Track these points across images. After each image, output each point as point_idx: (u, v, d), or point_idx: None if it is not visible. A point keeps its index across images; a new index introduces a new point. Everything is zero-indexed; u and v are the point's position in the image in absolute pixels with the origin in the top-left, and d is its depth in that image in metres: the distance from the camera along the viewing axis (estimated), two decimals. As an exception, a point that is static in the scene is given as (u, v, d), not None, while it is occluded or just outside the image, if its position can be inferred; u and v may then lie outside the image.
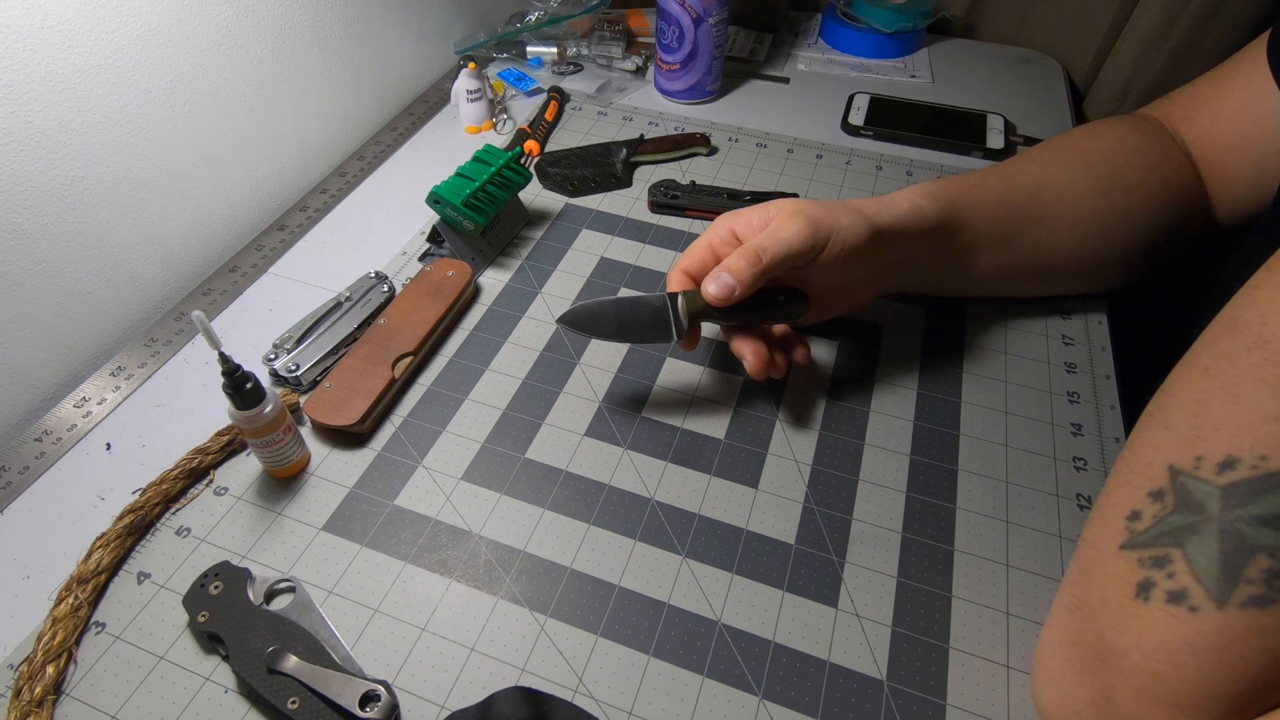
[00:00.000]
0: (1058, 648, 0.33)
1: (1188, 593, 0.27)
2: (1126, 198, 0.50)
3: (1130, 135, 0.52)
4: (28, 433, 0.47)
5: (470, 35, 0.82)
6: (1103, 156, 0.51)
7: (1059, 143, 0.53)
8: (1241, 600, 0.26)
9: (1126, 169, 0.50)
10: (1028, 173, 0.51)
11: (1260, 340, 0.28)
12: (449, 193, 0.54)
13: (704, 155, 0.70)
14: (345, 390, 0.46)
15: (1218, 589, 0.27)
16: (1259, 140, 0.48)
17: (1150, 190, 0.50)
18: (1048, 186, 0.50)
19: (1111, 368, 0.51)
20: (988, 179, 0.50)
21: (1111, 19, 0.79)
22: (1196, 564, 0.27)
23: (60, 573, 0.40)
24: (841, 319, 0.53)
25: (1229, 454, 0.28)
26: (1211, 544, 0.27)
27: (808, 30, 0.90)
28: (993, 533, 0.42)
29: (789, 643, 0.38)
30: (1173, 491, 0.29)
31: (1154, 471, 0.31)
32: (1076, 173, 0.50)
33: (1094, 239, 0.51)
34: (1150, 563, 0.29)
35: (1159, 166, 0.51)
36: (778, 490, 0.44)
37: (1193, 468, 0.29)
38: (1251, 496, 0.27)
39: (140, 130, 0.52)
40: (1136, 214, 0.50)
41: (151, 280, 0.56)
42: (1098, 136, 0.53)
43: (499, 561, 0.41)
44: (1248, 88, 0.49)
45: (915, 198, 0.46)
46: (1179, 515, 0.29)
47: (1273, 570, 0.26)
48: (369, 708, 0.34)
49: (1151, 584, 0.29)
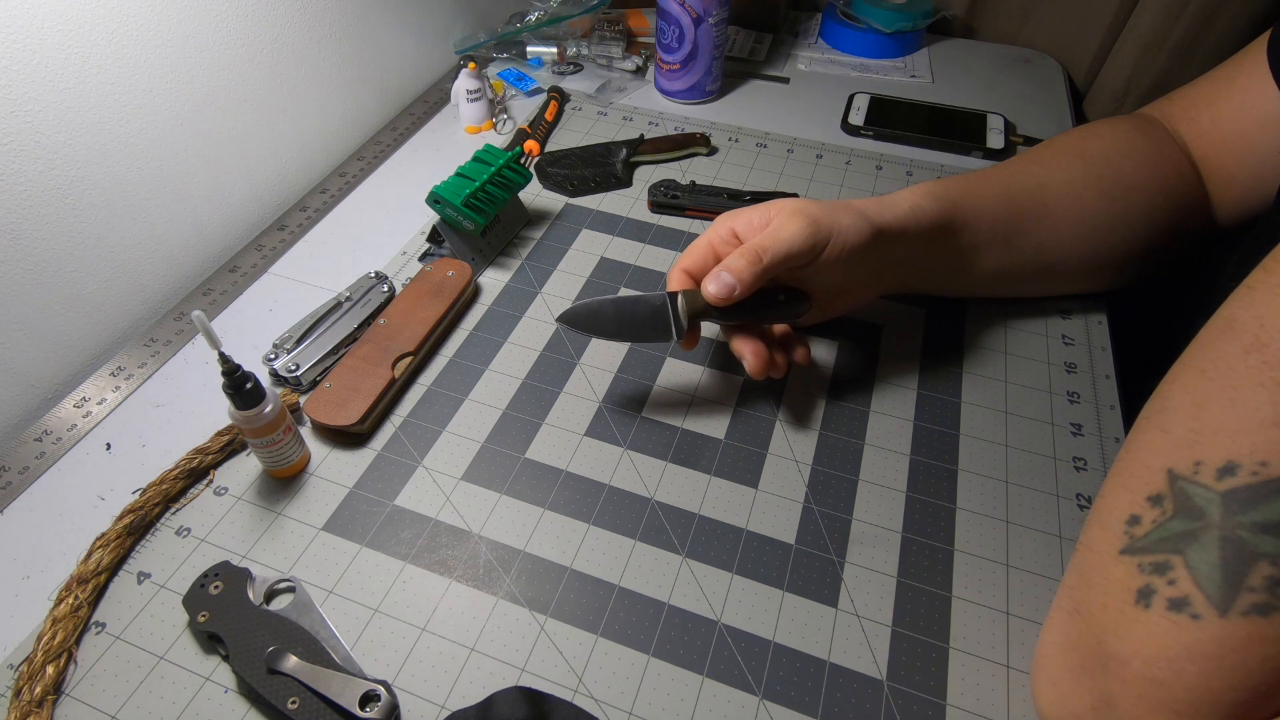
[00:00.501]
0: (1058, 651, 0.33)
1: (1189, 600, 0.27)
2: (1127, 198, 0.50)
3: (1130, 135, 0.52)
4: (28, 433, 0.47)
5: (470, 35, 0.82)
6: (1103, 157, 0.51)
7: (1059, 143, 0.53)
8: (1244, 608, 0.26)
9: (1127, 169, 0.50)
10: (1029, 173, 0.51)
11: (1258, 343, 0.28)
12: (449, 193, 0.54)
13: (704, 155, 0.70)
14: (345, 390, 0.46)
15: (1220, 596, 0.27)
16: (1259, 141, 0.48)
17: (1151, 190, 0.50)
18: (1049, 187, 0.50)
19: (1111, 368, 0.51)
20: (989, 179, 0.50)
21: (1111, 19, 0.79)
22: (1198, 571, 0.27)
23: (60, 573, 0.40)
24: (841, 319, 0.53)
25: (1229, 459, 0.28)
26: (1213, 551, 0.27)
27: (808, 30, 0.90)
28: (993, 533, 0.42)
29: (789, 643, 0.38)
30: (1172, 496, 0.29)
31: (1152, 475, 0.30)
32: (1077, 173, 0.50)
33: (1095, 239, 0.51)
34: (1151, 569, 0.29)
35: (1159, 167, 0.51)
36: (778, 490, 0.44)
37: (1192, 472, 0.29)
38: (1252, 503, 0.27)
39: (140, 130, 0.52)
40: (1137, 214, 0.50)
41: (151, 280, 0.56)
42: (1098, 137, 0.53)
43: (499, 561, 0.41)
44: (1248, 88, 0.49)
45: (916, 198, 0.46)
46: (1179, 521, 0.29)
47: (1274, 578, 0.26)
48: (369, 708, 0.34)
49: (1152, 590, 0.28)
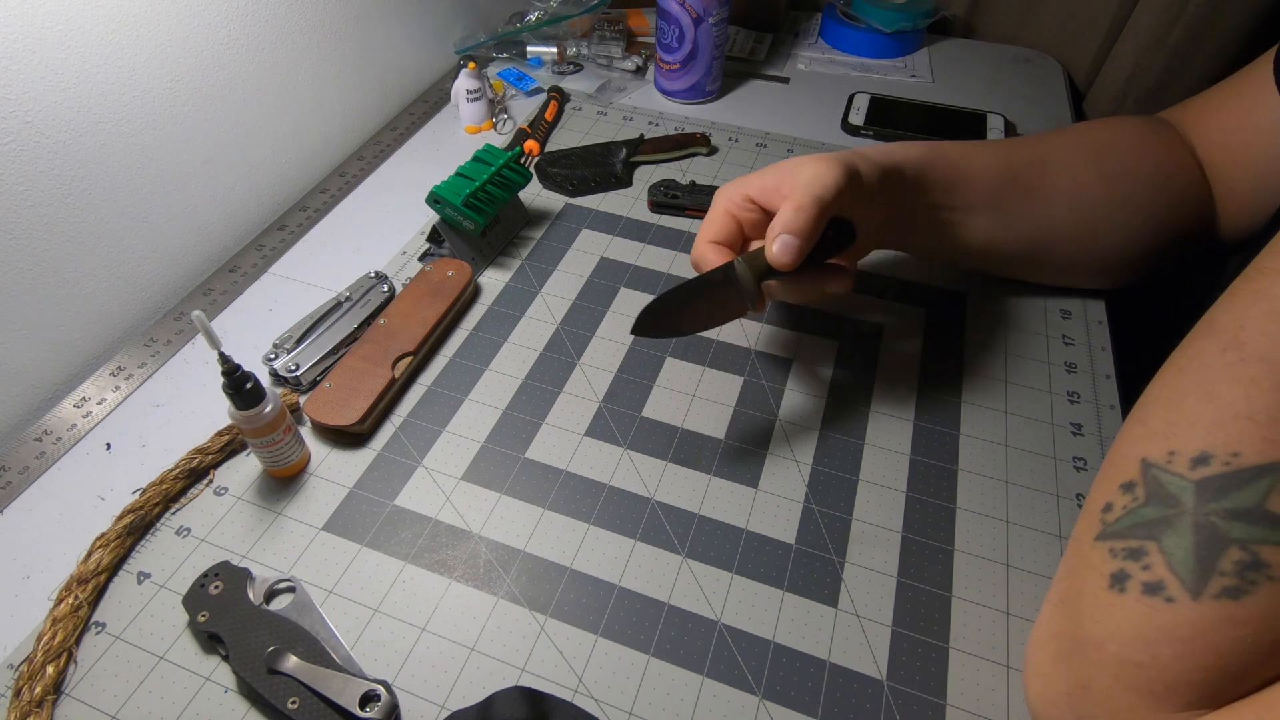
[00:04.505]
0: (1044, 641, 0.33)
1: (1164, 584, 0.28)
2: (1128, 186, 0.50)
3: (1137, 128, 0.53)
4: (28, 433, 0.47)
5: (470, 35, 0.82)
6: (1107, 143, 0.51)
7: (1065, 129, 0.54)
8: (1215, 591, 0.27)
9: (1130, 158, 0.51)
10: (1030, 148, 0.51)
11: (1235, 342, 0.29)
12: (449, 193, 0.54)
13: (704, 155, 0.70)
14: (345, 390, 0.46)
15: (1192, 580, 0.28)
16: (1263, 154, 0.48)
17: (1153, 184, 0.50)
18: (1049, 162, 0.50)
19: (1111, 368, 0.51)
20: (990, 146, 0.51)
21: (1111, 19, 0.79)
22: (1173, 556, 0.28)
23: (60, 573, 0.40)
24: (841, 319, 0.53)
25: (1203, 450, 0.29)
26: (1187, 536, 0.28)
27: (808, 30, 0.90)
28: (993, 533, 0.42)
29: (789, 643, 0.38)
30: (1144, 483, 0.30)
31: (1127, 464, 0.31)
32: (1078, 155, 0.50)
33: (1092, 223, 0.51)
34: (1124, 554, 0.30)
35: (1163, 163, 0.51)
36: (778, 490, 0.44)
37: (1165, 461, 0.30)
38: (1224, 491, 0.28)
39: (140, 130, 0.52)
40: (1136, 204, 0.50)
41: (151, 280, 0.56)
42: (1106, 127, 0.53)
43: (499, 561, 0.41)
44: (1257, 100, 0.49)
45: (908, 148, 0.47)
46: (1152, 507, 0.30)
47: (1244, 562, 0.27)
48: (369, 708, 0.34)
49: (1127, 575, 0.29)
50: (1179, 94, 0.77)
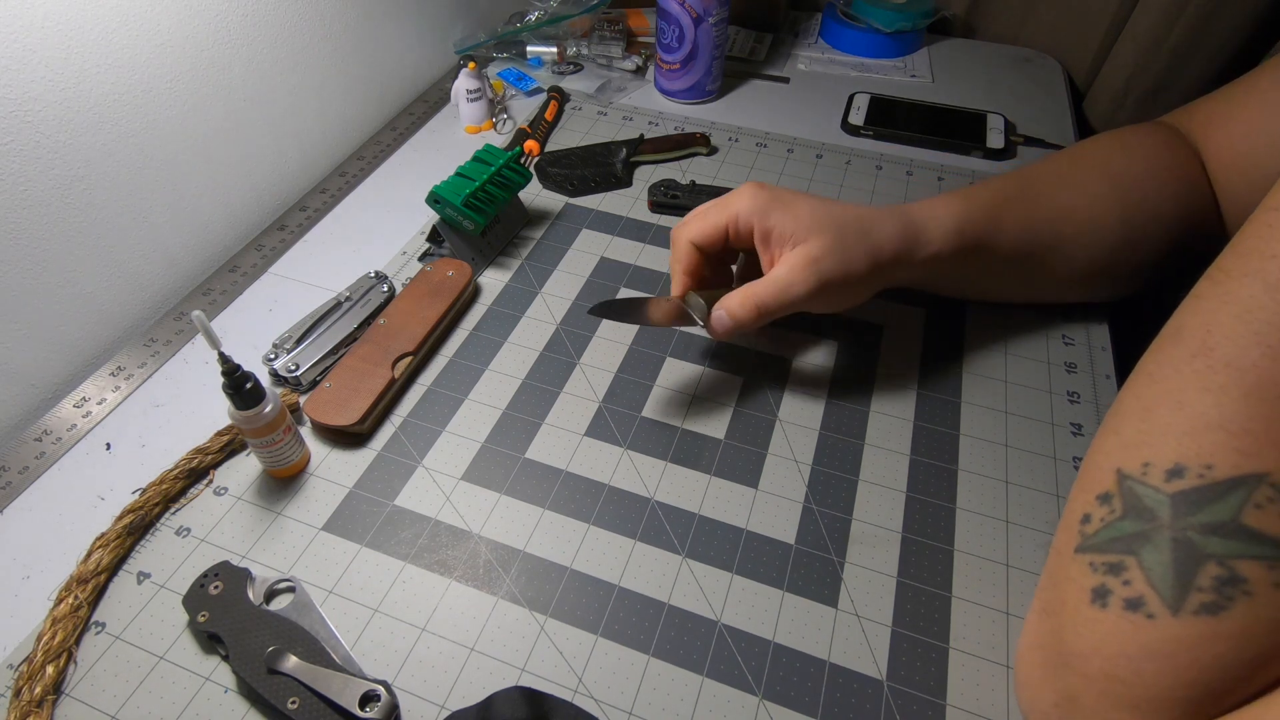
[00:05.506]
0: (1030, 651, 0.33)
1: (1144, 600, 0.28)
2: (1146, 224, 0.49)
3: (1161, 155, 0.51)
4: (28, 433, 0.47)
5: (470, 35, 0.82)
6: (1133, 181, 0.50)
7: (1088, 157, 0.52)
8: (1194, 608, 0.27)
9: (1151, 192, 0.49)
10: (1053, 201, 0.49)
11: (1204, 348, 0.29)
12: (449, 192, 0.54)
13: (704, 155, 0.70)
14: (345, 390, 0.46)
15: (1172, 597, 0.27)
16: (1267, 162, 0.47)
17: (1171, 219, 0.50)
18: (1071, 216, 0.49)
19: (1111, 368, 0.51)
20: (1013, 209, 0.48)
21: (1111, 19, 0.79)
22: (1152, 572, 0.28)
23: (60, 573, 0.40)
24: (841, 319, 0.53)
25: (1176, 461, 0.29)
26: (1165, 552, 0.28)
27: (808, 30, 0.90)
28: (993, 533, 0.42)
29: (789, 643, 0.38)
30: (1120, 495, 0.30)
31: (1102, 475, 0.31)
32: (1100, 198, 0.49)
33: (1105, 260, 0.50)
34: (1104, 569, 0.30)
35: (1181, 196, 0.50)
36: (778, 490, 0.44)
37: (1140, 473, 0.30)
38: (1199, 505, 0.28)
39: (140, 130, 0.52)
40: (1152, 236, 0.50)
41: (151, 280, 0.56)
42: (1127, 152, 0.51)
43: (499, 561, 0.41)
44: (1262, 108, 0.48)
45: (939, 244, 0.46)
46: (1129, 521, 0.29)
47: (1221, 578, 0.27)
48: (369, 708, 0.34)
49: (1109, 590, 0.29)
50: (1179, 94, 0.77)
